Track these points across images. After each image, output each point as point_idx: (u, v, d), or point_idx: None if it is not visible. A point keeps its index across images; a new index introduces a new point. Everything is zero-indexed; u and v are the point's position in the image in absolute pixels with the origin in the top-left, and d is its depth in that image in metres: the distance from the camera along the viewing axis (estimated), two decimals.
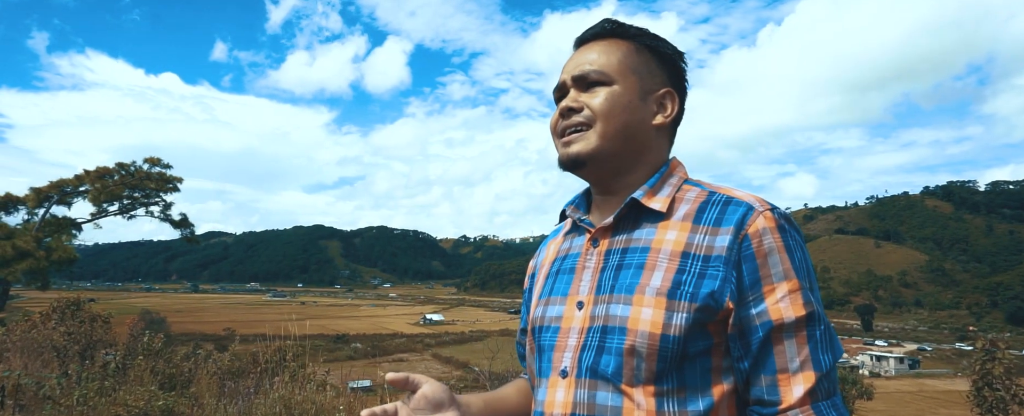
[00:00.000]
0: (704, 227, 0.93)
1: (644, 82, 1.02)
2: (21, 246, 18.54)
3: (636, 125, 1.00)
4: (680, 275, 0.90)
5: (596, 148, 0.98)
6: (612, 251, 0.99)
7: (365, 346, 70.36)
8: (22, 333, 9.05)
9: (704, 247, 0.91)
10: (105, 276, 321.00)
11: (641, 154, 1.02)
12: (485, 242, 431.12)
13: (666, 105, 1.03)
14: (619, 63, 1.01)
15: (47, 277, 20.12)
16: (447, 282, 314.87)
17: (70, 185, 20.99)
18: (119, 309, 73.30)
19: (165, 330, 44.01)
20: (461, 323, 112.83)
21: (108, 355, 6.33)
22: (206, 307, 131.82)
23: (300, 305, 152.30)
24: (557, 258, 1.10)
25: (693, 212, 0.96)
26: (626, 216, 1.00)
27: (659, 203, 0.98)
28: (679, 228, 0.95)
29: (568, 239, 1.11)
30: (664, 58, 1.05)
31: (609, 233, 1.01)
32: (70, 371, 5.54)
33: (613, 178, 1.02)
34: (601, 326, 0.93)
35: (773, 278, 0.88)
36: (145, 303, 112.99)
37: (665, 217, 0.97)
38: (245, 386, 5.81)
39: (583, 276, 1.00)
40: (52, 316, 11.88)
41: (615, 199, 1.03)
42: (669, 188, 1.01)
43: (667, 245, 0.93)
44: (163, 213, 22.73)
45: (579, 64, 1.03)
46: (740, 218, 0.91)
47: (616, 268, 0.96)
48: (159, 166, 22.11)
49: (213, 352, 9.15)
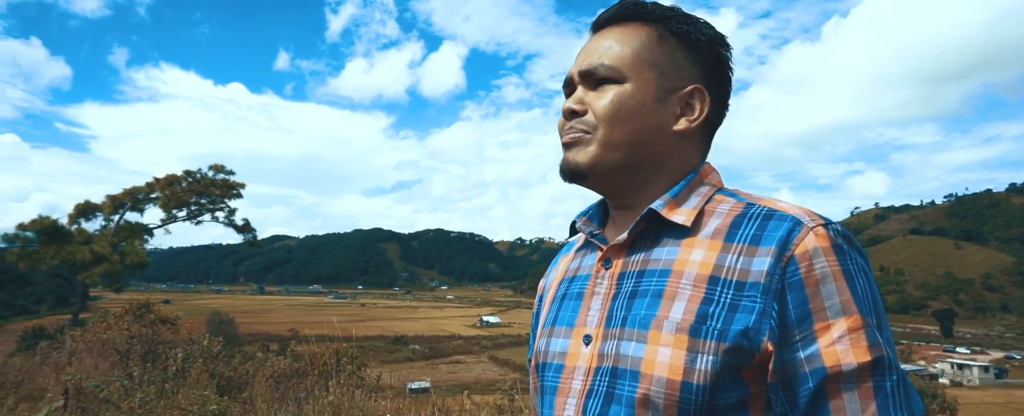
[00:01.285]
0: (738, 246, 0.75)
1: (664, 78, 0.84)
2: (98, 251, 19.67)
3: (649, 132, 0.82)
4: (707, 306, 0.73)
5: (596, 159, 0.82)
6: (626, 274, 0.82)
7: (423, 348, 71.30)
8: (97, 334, 9.44)
9: (737, 271, 0.74)
10: (178, 278, 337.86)
11: (659, 165, 0.84)
12: (541, 244, 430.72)
13: (693, 106, 0.85)
14: (634, 56, 0.83)
15: (121, 280, 21.25)
16: (503, 284, 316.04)
17: (142, 192, 22.13)
18: (191, 310, 76.42)
19: (233, 331, 45.88)
20: (517, 325, 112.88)
21: (169, 357, 6.45)
22: (271, 308, 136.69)
23: (360, 307, 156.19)
24: (565, 279, 0.94)
25: (725, 228, 0.78)
26: (644, 232, 0.84)
27: (683, 216, 0.81)
28: (707, 247, 0.77)
29: (578, 257, 0.94)
30: (696, 47, 0.85)
31: (623, 252, 0.84)
32: (133, 373, 5.66)
33: (626, 191, 0.86)
34: (610, 367, 0.77)
35: (827, 312, 0.69)
36: (215, 304, 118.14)
37: (690, 233, 0.80)
38: (298, 390, 5.81)
39: (592, 304, 0.84)
40: (125, 317, 12.43)
41: (633, 213, 0.86)
42: (696, 198, 0.83)
43: (691, 267, 0.76)
44: (227, 218, 23.69)
45: (589, 56, 0.86)
46: (784, 236, 0.73)
47: (629, 295, 0.80)
48: (223, 173, 23.08)
49: (270, 356, 9.26)
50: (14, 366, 7.11)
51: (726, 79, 0.88)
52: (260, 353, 10.78)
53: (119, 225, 21.95)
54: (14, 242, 20.09)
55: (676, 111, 0.84)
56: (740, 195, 0.83)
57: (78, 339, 8.54)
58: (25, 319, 79.75)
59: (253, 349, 24.00)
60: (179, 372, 5.99)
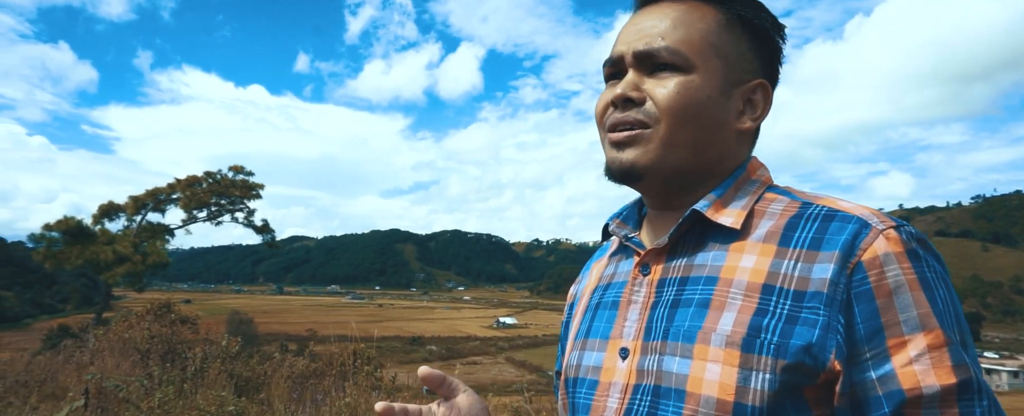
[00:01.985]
0: (796, 251, 0.66)
1: (731, 70, 0.74)
2: (120, 251, 19.99)
3: (714, 130, 0.74)
4: (761, 318, 0.64)
5: (658, 159, 0.72)
6: (667, 281, 0.73)
7: (440, 348, 71.50)
8: (119, 333, 9.56)
9: (796, 279, 0.65)
10: (199, 278, 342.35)
11: (716, 165, 0.76)
12: (558, 245, 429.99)
13: (756, 103, 0.76)
14: (702, 41, 0.73)
15: (143, 280, 21.58)
16: (520, 285, 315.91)
17: (164, 193, 22.45)
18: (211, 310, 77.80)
19: (252, 330, 46.35)
20: (534, 326, 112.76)
21: (188, 357, 6.49)
22: (290, 308, 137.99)
23: (377, 307, 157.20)
24: (599, 286, 0.85)
25: (779, 230, 0.69)
26: (686, 235, 0.75)
27: (731, 217, 0.72)
28: (759, 251, 0.69)
29: (613, 262, 0.85)
30: (760, 37, 0.77)
31: (663, 257, 0.75)
32: (153, 373, 5.71)
33: (676, 193, 0.76)
34: (652, 386, 0.69)
35: (903, 327, 0.61)
36: (235, 304, 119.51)
37: (739, 236, 0.71)
38: (316, 392, 5.81)
39: (629, 313, 0.75)
40: (146, 317, 12.60)
41: (675, 214, 0.77)
42: (745, 197, 0.74)
43: (742, 275, 0.68)
44: (247, 219, 23.91)
45: (647, 34, 0.74)
46: (849, 239, 0.64)
47: (672, 304, 0.71)
48: (242, 173, 23.32)
49: (288, 356, 9.30)
50: (38, 365, 7.21)
51: (778, 73, 0.80)
52: (278, 354, 10.85)
53: (141, 226, 22.29)
54: (40, 242, 20.47)
55: (738, 107, 0.75)
56: (794, 193, 0.74)
57: (101, 338, 8.65)
58: (51, 318, 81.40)
59: (271, 349, 24.24)
60: (198, 372, 6.02)
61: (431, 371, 0.78)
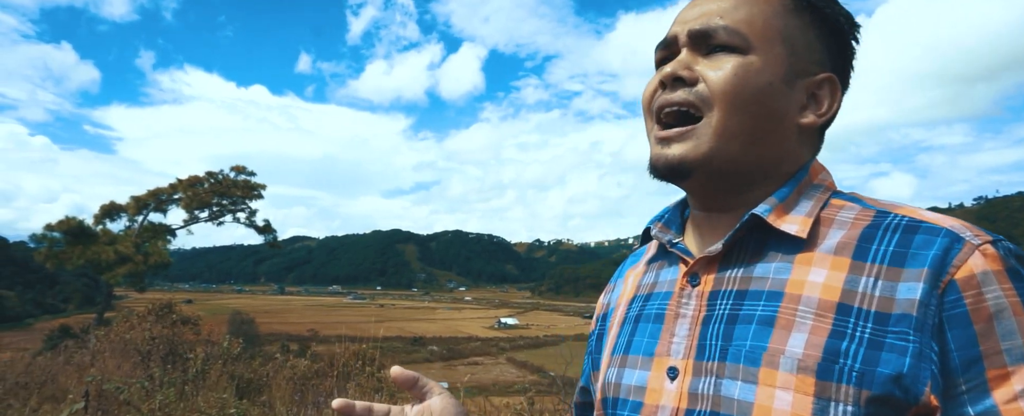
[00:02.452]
0: (874, 266, 0.58)
1: (796, 59, 0.67)
2: (122, 251, 19.96)
3: (774, 121, 0.66)
4: (838, 340, 0.57)
5: (710, 152, 0.64)
6: (720, 293, 0.65)
7: (441, 349, 71.42)
8: (120, 334, 9.52)
9: (877, 299, 0.57)
10: (201, 278, 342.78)
11: (773, 164, 0.67)
12: (559, 246, 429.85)
13: (821, 98, 0.68)
14: (765, 23, 0.66)
15: (144, 280, 21.55)
16: (521, 286, 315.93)
17: (165, 193, 22.43)
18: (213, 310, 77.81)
19: (254, 331, 46.31)
20: (535, 327, 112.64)
21: (189, 359, 6.45)
22: (291, 308, 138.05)
23: (378, 307, 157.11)
24: (638, 296, 0.76)
25: (853, 241, 0.61)
26: (744, 242, 0.67)
27: (795, 224, 0.64)
28: (830, 264, 0.60)
29: (653, 270, 0.77)
30: (830, 27, 0.69)
31: (715, 266, 0.67)
32: (154, 375, 5.67)
33: (728, 193, 0.68)
34: (709, 412, 0.61)
35: (1006, 356, 0.53)
36: (236, 304, 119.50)
37: (805, 246, 0.63)
38: (318, 393, 5.77)
39: (677, 328, 0.67)
40: (148, 318, 12.57)
41: (726, 218, 0.69)
42: (809, 202, 0.66)
43: (812, 291, 0.60)
44: (248, 219, 23.89)
45: (705, 13, 0.68)
46: (940, 254, 0.56)
47: (728, 320, 0.63)
48: (244, 174, 23.29)
49: (290, 357, 9.27)
50: (39, 366, 7.17)
51: (850, 73, 0.72)
52: (279, 354, 10.81)
53: (143, 226, 22.28)
54: (41, 242, 20.47)
55: (802, 100, 0.67)
56: (864, 200, 0.66)
57: (102, 339, 8.62)
58: (53, 318, 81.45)
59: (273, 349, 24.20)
60: (199, 374, 5.99)
61: (403, 372, 0.73)
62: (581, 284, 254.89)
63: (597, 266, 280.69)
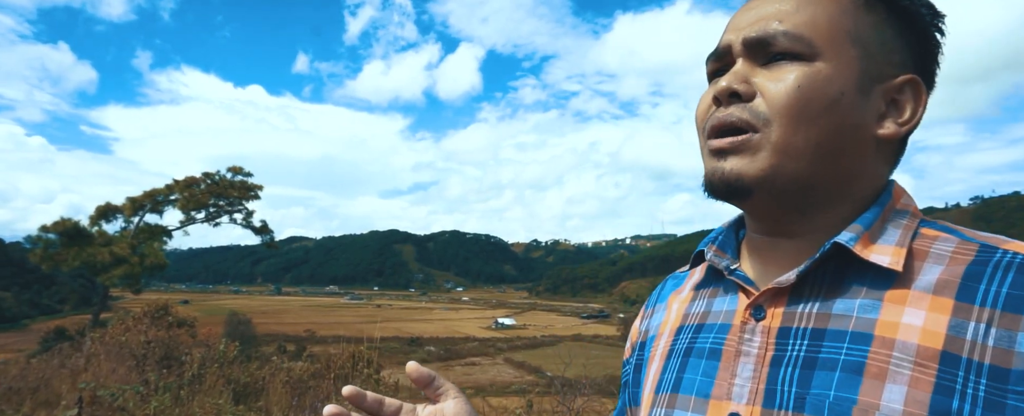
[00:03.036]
0: (985, 310, 0.50)
1: (871, 61, 0.57)
2: (118, 252, 19.86)
3: (847, 135, 0.56)
4: (946, 398, 0.48)
5: (769, 171, 0.56)
6: (794, 331, 0.56)
7: (438, 349, 71.34)
8: (116, 336, 9.44)
9: (991, 350, 0.48)
10: (198, 279, 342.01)
11: (846, 182, 0.58)
12: (557, 246, 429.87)
13: (903, 104, 0.59)
14: (831, 24, 0.57)
15: (140, 281, 21.44)
16: (519, 286, 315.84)
17: (161, 194, 22.32)
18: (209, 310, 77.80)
19: (251, 331, 46.15)
20: (533, 327, 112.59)
21: (185, 363, 6.39)
22: (288, 309, 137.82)
23: (376, 308, 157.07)
24: (686, 326, 0.66)
25: (956, 279, 0.52)
26: (819, 272, 0.57)
27: (888, 256, 0.55)
28: (929, 305, 0.52)
29: (702, 297, 0.67)
30: (911, 21, 0.59)
31: (784, 299, 0.58)
32: (149, 379, 5.61)
33: (794, 215, 0.59)
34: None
35: None
36: (233, 304, 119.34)
37: (897, 282, 0.54)
38: (315, 397, 5.71)
39: (739, 368, 0.58)
40: (143, 320, 12.50)
41: (793, 243, 0.60)
42: (899, 231, 0.57)
43: (909, 335, 0.51)
44: (245, 220, 23.78)
45: (762, 17, 0.59)
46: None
47: (804, 364, 0.54)
48: (241, 175, 23.19)
49: (287, 360, 9.21)
50: (33, 370, 7.10)
51: (935, 71, 0.62)
52: (276, 356, 10.76)
53: (139, 227, 22.17)
54: (37, 243, 20.37)
55: (880, 108, 0.58)
56: (960, 230, 0.57)
57: (97, 341, 8.54)
58: (49, 318, 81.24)
59: (270, 350, 24.15)
60: (195, 378, 5.93)
61: (419, 369, 0.68)
62: (578, 284, 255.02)
63: (594, 266, 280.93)
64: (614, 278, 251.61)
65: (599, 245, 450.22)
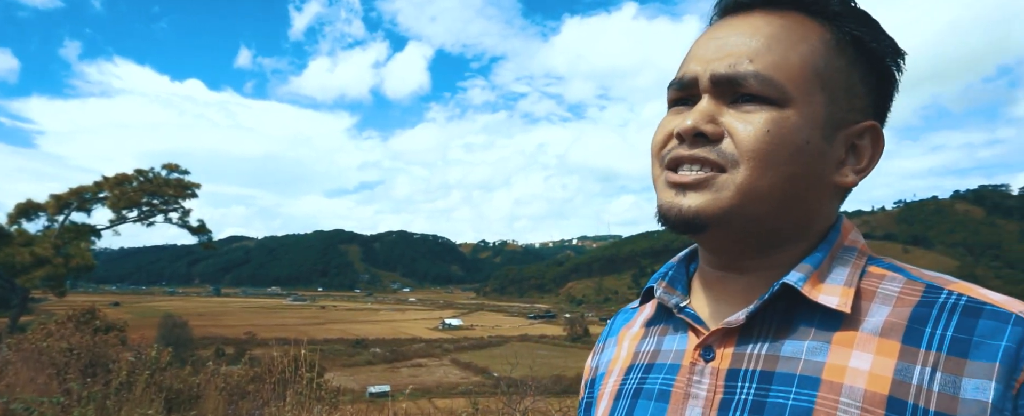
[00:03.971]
0: (931, 354, 0.50)
1: (837, 107, 0.57)
2: (40, 253, 18.68)
3: (809, 183, 0.56)
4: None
5: (731, 209, 0.55)
6: (742, 372, 0.55)
7: (384, 351, 70.49)
8: (35, 342, 8.87)
9: (936, 396, 0.48)
10: (130, 280, 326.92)
11: (804, 225, 0.58)
12: (504, 247, 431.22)
13: (862, 150, 0.59)
14: (804, 67, 0.56)
15: (64, 284, 20.28)
16: (466, 287, 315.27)
17: (89, 192, 21.12)
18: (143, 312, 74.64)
19: (187, 334, 44.43)
20: (480, 328, 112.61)
21: (111, 370, 6.05)
22: (228, 311, 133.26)
23: (320, 309, 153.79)
24: (636, 365, 0.65)
25: (903, 321, 0.52)
26: (768, 311, 0.57)
27: (836, 297, 0.54)
28: (876, 348, 0.51)
29: (653, 335, 0.66)
30: (875, 64, 0.59)
31: (734, 339, 0.57)
32: (71, 389, 5.28)
33: (751, 252, 0.59)
34: None
35: None
36: (168, 306, 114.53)
37: (845, 324, 0.54)
38: (253, 405, 5.51)
39: (688, 411, 0.57)
40: (67, 324, 11.79)
41: (744, 280, 0.60)
42: (847, 269, 0.57)
43: (856, 380, 0.50)
44: (181, 219, 22.83)
45: (731, 53, 0.56)
46: (1014, 347, 0.48)
47: (752, 408, 0.53)
48: (177, 172, 22.23)
49: (224, 364, 8.87)
50: None
51: (888, 112, 0.62)
52: (212, 361, 10.34)
53: (64, 226, 20.95)
54: None
55: (840, 155, 0.58)
56: (906, 269, 0.57)
57: (14, 348, 8.00)
58: None
59: (207, 354, 23.20)
60: (124, 386, 5.62)
61: None
62: (526, 285, 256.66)
63: (541, 267, 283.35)
64: (560, 279, 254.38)
65: (546, 246, 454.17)
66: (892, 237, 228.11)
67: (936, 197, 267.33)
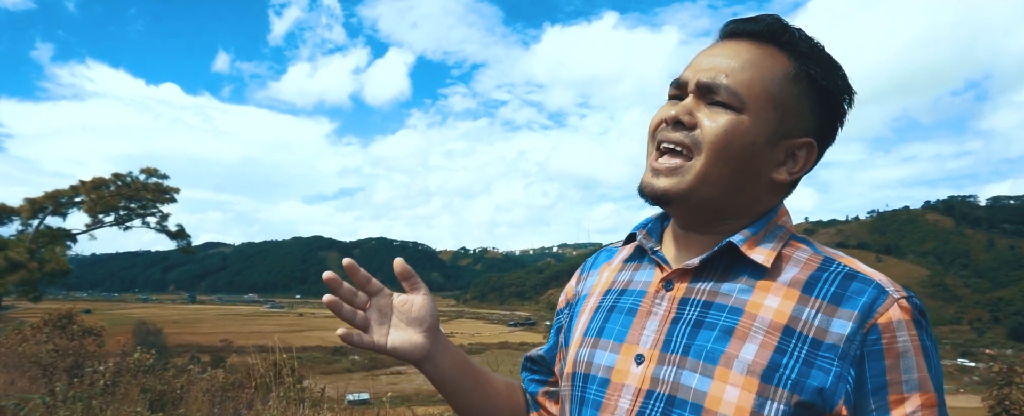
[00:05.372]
0: (817, 301, 0.73)
1: (784, 123, 0.78)
2: (13, 257, 18.31)
3: (749, 174, 0.78)
4: (780, 356, 0.71)
5: (688, 189, 0.77)
6: (690, 300, 0.79)
7: (363, 358, 69.81)
8: (11, 347, 8.83)
9: (814, 328, 0.72)
10: (102, 286, 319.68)
11: (747, 207, 0.81)
12: (485, 254, 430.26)
13: (798, 158, 0.80)
14: (763, 88, 0.77)
15: (39, 289, 19.91)
16: (446, 294, 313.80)
17: (65, 196, 20.78)
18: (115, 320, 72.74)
19: (161, 342, 43.72)
20: (460, 335, 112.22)
21: (96, 372, 6.10)
22: (203, 318, 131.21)
23: (298, 316, 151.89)
24: (612, 290, 0.89)
25: (803, 279, 0.76)
26: (715, 261, 0.80)
27: (762, 256, 0.78)
28: (783, 294, 0.75)
29: (629, 269, 0.90)
30: (825, 98, 0.80)
31: (688, 277, 0.80)
32: (56, 389, 5.33)
33: (705, 221, 0.82)
34: (666, 395, 0.74)
35: (904, 386, 0.70)
36: (141, 314, 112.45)
37: (767, 275, 0.77)
38: (238, 405, 5.60)
39: (648, 323, 0.80)
40: (43, 329, 11.67)
41: (701, 238, 0.83)
42: (774, 240, 0.79)
43: (766, 312, 0.74)
44: (160, 224, 22.58)
45: (715, 67, 0.78)
46: (868, 302, 0.72)
47: (694, 324, 0.77)
48: (156, 176, 22.03)
49: (207, 367, 8.90)
50: None
51: (835, 134, 0.83)
52: (193, 366, 10.32)
53: (38, 230, 20.60)
54: None
55: (780, 158, 0.79)
56: (815, 245, 0.81)
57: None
58: None
59: (182, 361, 22.90)
60: (109, 387, 5.67)
61: (405, 265, 0.90)
62: (506, 292, 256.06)
63: (522, 274, 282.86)
64: (541, 286, 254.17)
65: (527, 253, 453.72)
66: (865, 246, 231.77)
67: (908, 207, 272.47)
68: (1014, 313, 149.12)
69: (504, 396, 0.99)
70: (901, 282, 0.75)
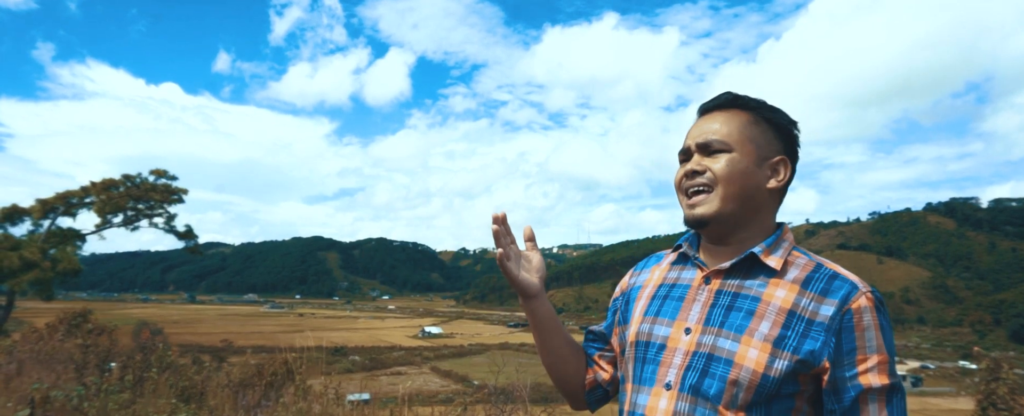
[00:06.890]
0: (811, 293, 1.09)
1: (760, 150, 1.17)
2: (28, 257, 18.61)
3: (752, 188, 1.16)
4: (785, 330, 1.07)
5: (718, 210, 1.15)
6: (723, 292, 1.15)
7: (363, 359, 69.93)
8: (32, 345, 9.10)
9: (809, 311, 1.07)
10: (102, 286, 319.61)
11: (755, 214, 1.18)
12: (485, 255, 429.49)
13: (780, 170, 1.18)
14: (739, 132, 1.17)
15: (52, 288, 20.17)
16: (446, 295, 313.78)
17: (76, 196, 21.06)
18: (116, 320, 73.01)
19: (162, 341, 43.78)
20: (460, 336, 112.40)
21: (124, 367, 6.40)
22: (203, 318, 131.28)
23: (298, 317, 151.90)
24: (664, 284, 1.26)
25: (802, 278, 1.11)
26: (740, 265, 1.16)
27: (774, 261, 1.14)
28: (788, 288, 1.11)
29: (676, 270, 1.27)
30: (780, 128, 1.20)
31: (722, 275, 1.17)
32: (88, 383, 5.62)
33: (728, 234, 1.18)
34: (707, 353, 1.10)
35: (866, 350, 1.05)
36: (142, 313, 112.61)
37: (777, 275, 1.13)
38: (253, 399, 5.87)
39: (693, 307, 1.16)
40: (59, 328, 11.97)
41: (726, 249, 1.19)
42: (782, 251, 1.17)
43: (776, 301, 1.10)
44: (167, 224, 22.85)
45: (703, 132, 1.19)
46: (845, 294, 1.07)
47: (726, 308, 1.12)
48: (165, 177, 22.29)
49: (220, 364, 9.20)
50: None
51: (797, 153, 1.23)
52: (209, 361, 10.60)
53: (49, 231, 20.88)
54: None
55: (767, 174, 1.18)
56: (810, 255, 1.18)
57: (21, 349, 8.27)
58: None
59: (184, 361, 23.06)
60: (136, 381, 5.96)
61: (532, 230, 1.31)
62: (506, 293, 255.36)
63: None
64: None
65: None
66: (867, 248, 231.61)
67: (909, 209, 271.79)
68: (1016, 315, 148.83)
69: (575, 347, 1.38)
70: (903, 284, 1.01)
